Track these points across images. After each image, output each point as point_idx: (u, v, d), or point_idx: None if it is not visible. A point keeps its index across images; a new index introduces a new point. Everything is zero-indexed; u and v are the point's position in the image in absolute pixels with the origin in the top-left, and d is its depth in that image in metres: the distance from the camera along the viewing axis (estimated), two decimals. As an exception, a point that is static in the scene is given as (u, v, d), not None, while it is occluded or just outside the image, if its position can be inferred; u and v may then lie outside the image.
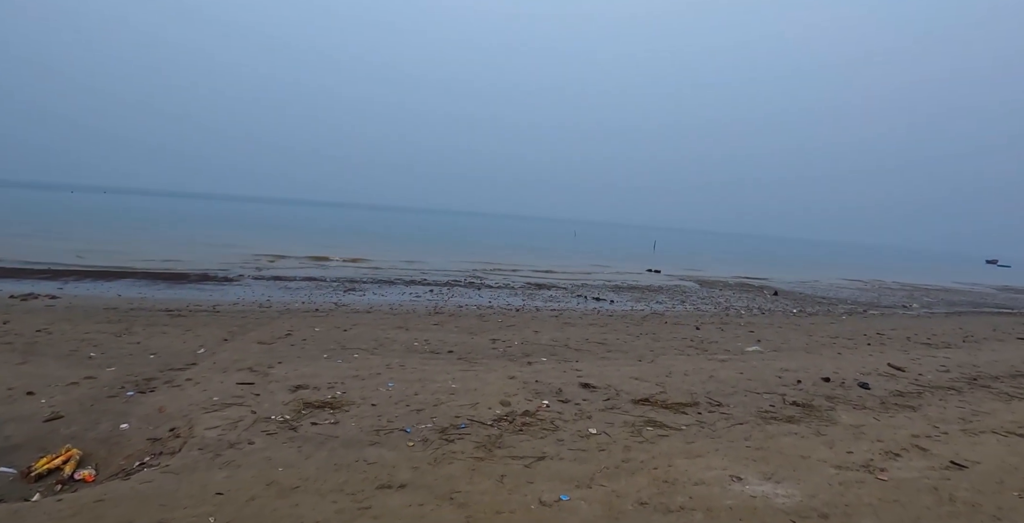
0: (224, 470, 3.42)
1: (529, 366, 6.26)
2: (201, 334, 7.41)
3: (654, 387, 5.61)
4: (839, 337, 10.03)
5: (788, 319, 12.71)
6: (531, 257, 30.01)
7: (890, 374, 6.96)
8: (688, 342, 8.46)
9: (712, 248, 65.65)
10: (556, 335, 8.37)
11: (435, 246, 34.63)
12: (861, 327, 11.83)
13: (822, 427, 4.62)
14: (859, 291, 23.97)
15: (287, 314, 9.38)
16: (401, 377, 5.49)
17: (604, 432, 4.22)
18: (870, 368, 7.23)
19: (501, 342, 7.57)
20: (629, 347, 7.78)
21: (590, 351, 7.34)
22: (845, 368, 7.11)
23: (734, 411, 4.94)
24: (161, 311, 9.21)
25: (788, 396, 5.56)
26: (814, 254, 73.76)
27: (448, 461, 3.58)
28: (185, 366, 5.87)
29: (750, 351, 8.00)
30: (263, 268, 17.83)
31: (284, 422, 4.23)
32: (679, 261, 35.68)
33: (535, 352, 7.05)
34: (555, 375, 5.88)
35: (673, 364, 6.74)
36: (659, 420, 4.55)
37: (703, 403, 5.13)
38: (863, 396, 5.77)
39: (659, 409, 4.87)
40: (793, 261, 49.49)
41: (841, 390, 5.97)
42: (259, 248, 23.62)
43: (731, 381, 6.05)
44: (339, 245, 29.30)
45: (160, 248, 21.27)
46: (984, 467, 3.94)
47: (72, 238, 22.67)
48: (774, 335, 9.73)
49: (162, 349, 6.53)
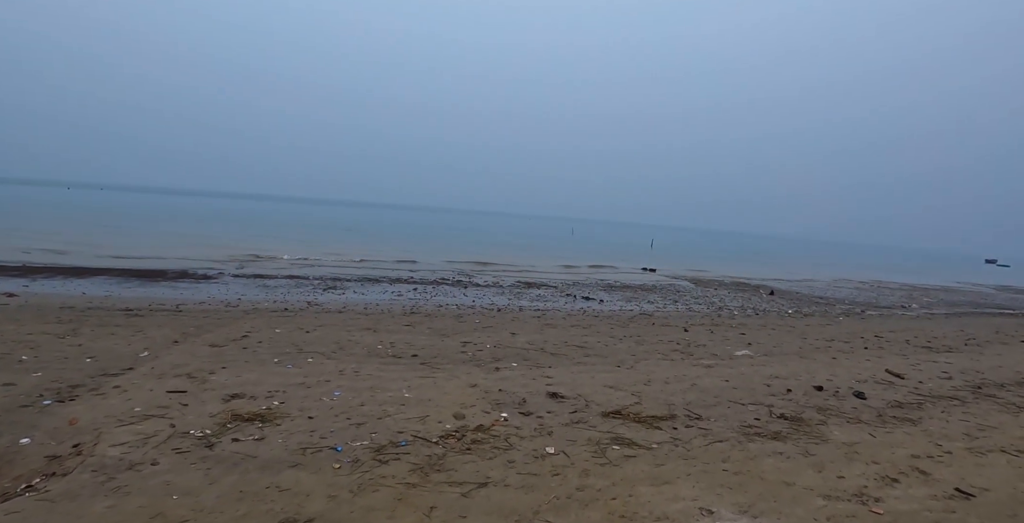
0: (109, 498, 2.93)
1: (496, 372, 5.76)
2: (151, 335, 6.92)
3: (629, 397, 5.12)
4: (835, 340, 9.54)
5: (783, 320, 12.22)
6: (525, 255, 29.52)
7: (888, 382, 6.47)
8: (674, 346, 7.96)
9: (712, 247, 65.15)
10: (534, 338, 7.88)
11: (430, 244, 34.16)
12: (858, 329, 11.34)
13: (811, 445, 4.13)
14: (857, 291, 23.48)
15: (252, 314, 8.88)
16: (351, 385, 5.00)
17: (563, 452, 3.73)
18: (867, 375, 6.74)
19: (472, 345, 7.08)
20: (609, 351, 7.29)
21: (567, 355, 6.84)
22: (840, 375, 6.62)
23: (714, 426, 4.45)
24: (120, 310, 8.71)
25: (776, 407, 5.07)
26: (813, 253, 73.24)
27: (373, 488, 3.09)
28: (120, 371, 5.38)
29: (739, 355, 7.51)
30: (247, 266, 17.35)
31: (202, 438, 3.74)
32: (677, 260, 35.20)
33: (506, 356, 6.56)
34: (523, 383, 5.39)
35: (654, 370, 6.25)
36: (628, 437, 4.06)
37: (680, 416, 4.64)
38: (858, 407, 5.27)
39: (630, 423, 4.38)
40: (792, 260, 49.00)
41: (835, 400, 5.48)
42: (251, 245, 23.13)
43: (715, 390, 5.56)
44: (334, 242, 28.84)
45: (148, 245, 20.79)
46: (994, 495, 3.45)
47: (59, 234, 22.18)
48: (766, 338, 9.24)
49: (103, 352, 6.04)
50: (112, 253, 17.44)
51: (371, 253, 23.53)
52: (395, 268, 19.28)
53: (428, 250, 27.91)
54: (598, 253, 36.85)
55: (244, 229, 36.29)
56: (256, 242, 25.18)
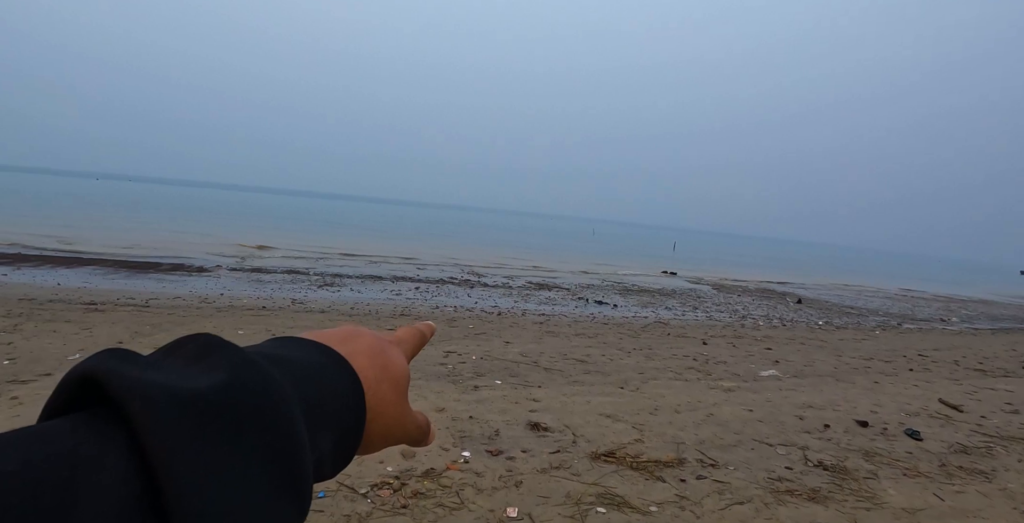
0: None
1: (474, 392, 4.86)
2: (97, 335, 6.17)
3: (629, 431, 4.18)
4: (874, 358, 8.45)
5: (813, 333, 11.11)
6: (542, 255, 28.59)
7: (944, 415, 5.42)
8: (689, 362, 6.97)
9: (735, 251, 63.48)
10: (529, 348, 6.95)
11: (446, 241, 33.42)
12: (898, 345, 10.20)
13: (861, 512, 3.15)
14: (889, 301, 22.09)
15: (225, 312, 8.11)
16: (291, 405, 4.14)
17: (528, 516, 2.82)
18: (917, 406, 5.69)
19: (456, 356, 6.19)
20: (614, 367, 6.34)
21: (562, 371, 5.91)
22: (886, 405, 5.58)
23: (734, 477, 3.49)
24: (82, 304, 8.00)
25: (812, 450, 4.09)
26: (838, 260, 71.03)
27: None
28: (34, 377, 4.60)
29: (765, 376, 6.51)
30: (248, 259, 16.69)
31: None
32: (699, 263, 33.96)
33: (491, 371, 5.65)
34: (501, 407, 4.48)
35: (663, 394, 5.29)
36: (620, 494, 3.12)
37: (691, 461, 3.69)
38: (914, 452, 4.26)
39: (626, 471, 3.44)
40: (818, 266, 47.26)
41: (883, 441, 4.47)
42: (263, 238, 22.53)
43: (736, 423, 4.58)
44: (348, 238, 28.24)
45: (157, 236, 20.28)
46: None
47: (72, 224, 21.85)
48: (796, 354, 8.19)
49: (29, 353, 5.28)
50: (118, 243, 16.92)
51: (384, 250, 22.77)
52: (403, 265, 18.49)
53: (442, 248, 27.13)
54: (617, 254, 35.76)
55: (261, 222, 35.97)
56: (269, 235, 24.62)
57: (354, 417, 0.34)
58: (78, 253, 14.24)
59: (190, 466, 0.22)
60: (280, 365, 0.31)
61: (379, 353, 0.38)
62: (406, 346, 0.45)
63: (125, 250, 15.76)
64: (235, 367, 0.27)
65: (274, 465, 0.26)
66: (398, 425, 0.38)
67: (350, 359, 0.35)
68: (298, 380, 0.31)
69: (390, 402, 0.37)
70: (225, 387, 0.26)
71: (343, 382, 0.34)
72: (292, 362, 0.32)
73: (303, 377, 0.31)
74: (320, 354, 0.35)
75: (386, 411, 0.37)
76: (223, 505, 0.23)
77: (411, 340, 0.46)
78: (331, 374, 0.34)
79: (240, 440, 0.25)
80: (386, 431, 0.38)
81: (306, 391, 0.31)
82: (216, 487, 0.23)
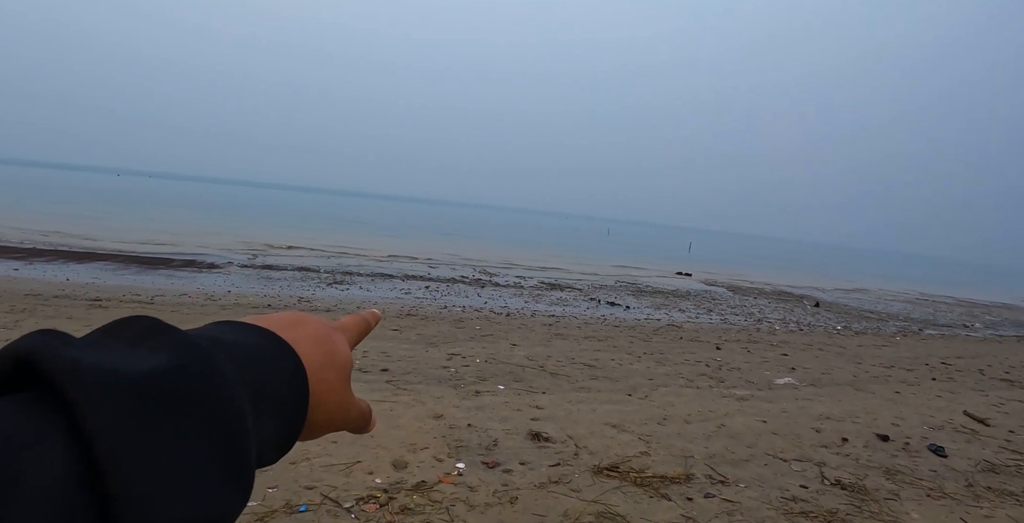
0: None
1: (475, 398, 4.69)
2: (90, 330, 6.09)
3: (635, 442, 3.98)
4: (895, 366, 8.14)
5: (831, 338, 10.79)
6: (557, 254, 28.39)
7: (970, 430, 5.15)
8: (702, 368, 6.74)
9: (752, 253, 62.70)
10: (536, 351, 6.76)
11: (460, 240, 33.33)
12: (920, 352, 9.86)
13: (882, 537, 2.93)
14: (910, 305, 21.56)
15: (229, 309, 8.03)
16: (284, 410, 3.99)
17: (522, 537, 2.64)
18: (941, 418, 5.42)
19: (459, 359, 6.01)
20: (623, 372, 6.12)
21: (569, 377, 5.71)
22: (908, 417, 5.31)
23: (744, 496, 3.27)
24: (86, 300, 7.96)
25: (829, 467, 3.86)
26: (856, 262, 69.88)
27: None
28: (28, 376, 4.51)
29: (780, 385, 6.26)
30: (261, 256, 16.67)
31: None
32: (714, 264, 33.51)
33: (495, 376, 5.47)
34: (502, 415, 4.30)
35: (673, 403, 5.07)
36: (622, 513, 2.92)
37: (700, 477, 3.48)
38: (938, 471, 4.01)
39: (629, 487, 3.24)
40: (836, 269, 46.48)
41: (906, 457, 4.22)
42: (279, 235, 22.56)
43: (748, 435, 4.36)
44: (364, 235, 28.24)
45: (174, 232, 20.34)
46: None
47: (89, 219, 22.06)
48: (813, 361, 7.91)
49: (26, 350, 5.21)
50: (134, 239, 16.99)
51: (398, 248, 22.67)
52: (415, 264, 18.37)
53: (456, 246, 26.99)
54: (632, 255, 35.40)
55: (279, 219, 36.17)
56: (285, 232, 24.68)
57: (297, 402, 0.34)
58: (93, 248, 14.31)
59: (132, 451, 0.22)
60: (224, 349, 0.30)
61: (324, 339, 0.38)
62: (350, 334, 0.44)
63: (139, 246, 15.83)
64: (178, 350, 0.27)
65: (218, 450, 0.25)
66: (341, 411, 0.38)
67: (295, 345, 0.35)
68: (242, 364, 0.30)
69: (334, 388, 0.37)
70: (168, 370, 0.25)
71: (287, 367, 0.34)
72: (236, 346, 0.31)
73: (247, 361, 0.31)
74: (264, 339, 0.34)
75: (330, 397, 0.37)
76: (166, 490, 0.22)
77: (355, 328, 0.46)
78: (275, 359, 0.33)
79: (183, 424, 0.24)
80: (329, 417, 0.37)
81: (249, 375, 0.30)
82: (159, 472, 0.22)
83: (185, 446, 0.24)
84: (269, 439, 0.31)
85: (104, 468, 0.21)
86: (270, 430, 0.31)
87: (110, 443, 0.21)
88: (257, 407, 0.30)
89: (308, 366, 0.35)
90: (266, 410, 0.31)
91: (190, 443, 0.24)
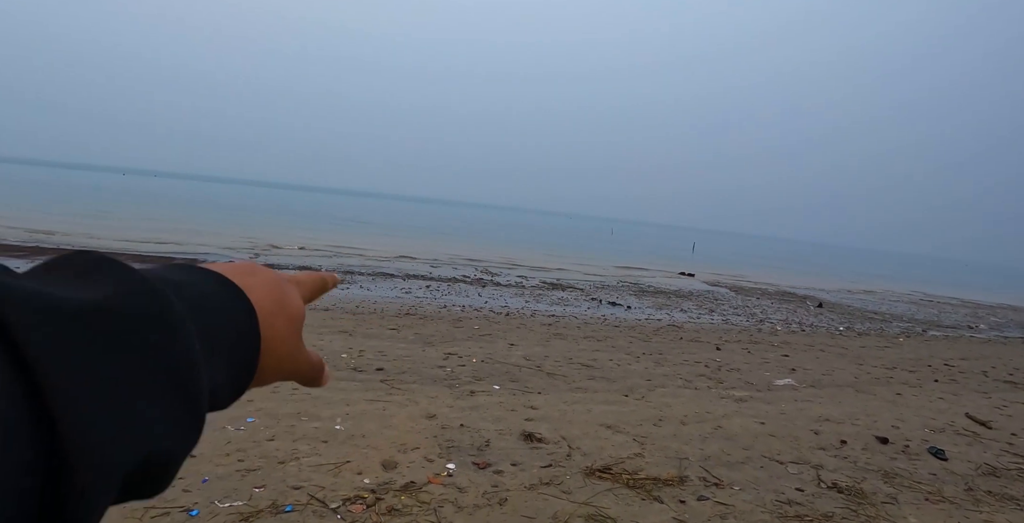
0: None
1: (469, 398, 4.65)
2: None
3: (630, 443, 3.93)
4: (897, 367, 8.07)
5: (833, 339, 10.71)
6: (559, 254, 28.33)
7: (972, 432, 5.08)
8: (701, 369, 6.68)
9: (756, 253, 62.48)
10: (534, 351, 6.72)
11: (464, 239, 33.32)
12: (923, 354, 9.77)
13: (878, 542, 2.87)
14: (914, 306, 21.41)
15: (227, 308, 8.01)
16: (275, 409, 3.97)
17: (509, 540, 2.59)
18: (943, 421, 5.35)
19: (455, 358, 5.98)
20: (620, 373, 6.07)
21: (566, 377, 5.67)
22: (909, 419, 5.25)
23: (739, 499, 3.22)
24: (85, 297, 7.96)
25: (826, 469, 3.80)
26: (860, 262, 69.57)
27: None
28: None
29: (780, 385, 6.20)
30: (262, 255, 16.67)
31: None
32: (718, 264, 33.39)
33: (491, 375, 5.43)
34: (496, 415, 4.26)
35: (671, 404, 5.02)
36: (612, 516, 2.88)
37: (694, 479, 3.43)
38: (938, 474, 3.95)
39: (621, 489, 3.20)
40: (840, 269, 46.26)
41: (905, 460, 4.16)
42: (282, 235, 22.56)
43: (745, 437, 4.31)
44: (368, 235, 28.22)
45: (175, 231, 20.37)
46: None
47: (92, 217, 22.11)
48: (814, 362, 7.84)
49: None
50: (136, 237, 17.02)
51: (400, 247, 22.64)
52: (417, 263, 18.33)
53: (459, 246, 26.97)
54: (635, 255, 35.29)
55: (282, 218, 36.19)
56: (289, 231, 24.70)
57: (249, 346, 0.33)
58: (95, 247, 14.33)
59: (76, 378, 0.21)
60: (174, 288, 0.29)
61: (275, 288, 0.38)
62: (304, 288, 0.44)
63: (142, 244, 15.84)
64: (126, 283, 0.26)
65: (166, 382, 0.25)
66: (291, 360, 0.38)
67: (247, 291, 0.35)
68: (193, 304, 0.29)
69: (284, 337, 0.37)
70: (114, 300, 0.24)
71: (239, 311, 0.33)
72: (187, 286, 0.31)
73: (198, 302, 0.30)
74: (217, 283, 0.34)
75: (280, 345, 0.37)
76: (110, 417, 0.22)
77: (310, 283, 0.46)
78: (227, 302, 0.33)
79: (129, 355, 0.24)
80: (278, 364, 0.37)
81: (200, 314, 0.30)
82: (103, 399, 0.22)
83: (131, 376, 0.23)
84: (222, 381, 0.31)
85: (47, 395, 0.20)
86: (222, 372, 0.31)
87: (53, 370, 0.20)
88: (209, 347, 0.29)
89: (260, 312, 0.35)
90: (217, 351, 0.30)
91: (136, 373, 0.23)
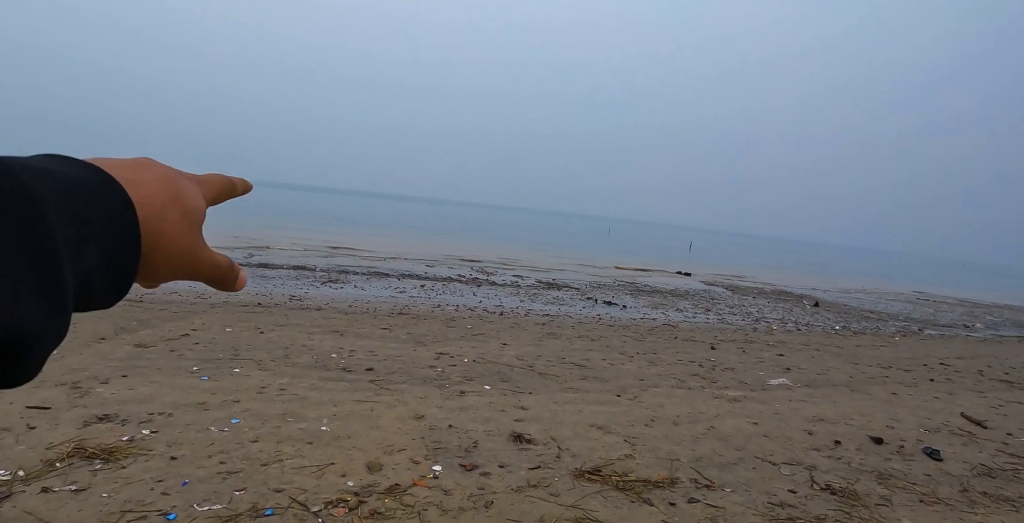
0: None
1: (459, 398, 4.58)
2: (80, 330, 5.99)
3: (620, 444, 3.87)
4: (893, 367, 8.03)
5: (829, 338, 10.68)
6: (556, 253, 28.27)
7: (967, 432, 5.04)
8: (695, 368, 6.63)
9: (753, 253, 62.51)
10: (527, 351, 6.66)
11: (460, 239, 33.22)
12: (919, 353, 9.74)
13: (870, 545, 2.82)
14: (910, 305, 21.41)
15: (218, 308, 7.93)
16: (261, 409, 3.90)
17: (493, 544, 2.54)
18: (938, 420, 5.31)
19: (447, 358, 5.91)
20: (613, 373, 6.02)
21: (558, 377, 5.61)
22: (904, 419, 5.21)
23: (730, 501, 3.17)
24: (74, 297, 7.86)
25: (820, 470, 3.75)
26: (857, 261, 69.65)
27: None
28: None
29: (774, 385, 6.15)
30: (258, 254, 16.57)
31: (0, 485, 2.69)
32: (715, 264, 33.38)
33: (482, 375, 5.37)
34: (485, 416, 4.20)
35: (663, 404, 4.97)
36: (600, 519, 2.82)
37: (684, 481, 3.37)
38: (932, 475, 3.90)
39: (610, 491, 3.14)
40: (837, 268, 46.29)
41: (899, 461, 4.11)
42: (281, 235, 22.42)
43: (738, 438, 4.26)
44: (366, 235, 28.09)
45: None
46: None
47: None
48: (809, 361, 7.80)
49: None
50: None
51: (397, 247, 22.56)
52: (412, 263, 18.26)
53: (455, 245, 26.89)
54: (632, 254, 35.24)
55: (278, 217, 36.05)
56: (285, 230, 24.57)
57: (127, 236, 0.32)
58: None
59: None
60: (35, 173, 0.28)
61: (170, 184, 0.37)
62: (209, 188, 0.43)
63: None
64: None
65: (20, 260, 0.24)
66: (187, 257, 0.37)
67: (136, 185, 0.34)
68: (58, 188, 0.29)
69: (178, 232, 0.36)
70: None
71: (113, 199, 0.32)
72: (54, 173, 0.30)
73: (64, 186, 0.29)
74: (89, 172, 0.32)
75: (173, 240, 0.36)
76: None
77: (217, 184, 0.45)
78: (99, 190, 0.32)
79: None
80: (171, 260, 0.36)
81: (64, 197, 0.29)
82: None
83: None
84: (96, 266, 0.30)
85: None
86: (95, 258, 0.30)
87: None
88: (76, 233, 0.28)
89: (147, 204, 0.34)
90: (88, 238, 0.29)
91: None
